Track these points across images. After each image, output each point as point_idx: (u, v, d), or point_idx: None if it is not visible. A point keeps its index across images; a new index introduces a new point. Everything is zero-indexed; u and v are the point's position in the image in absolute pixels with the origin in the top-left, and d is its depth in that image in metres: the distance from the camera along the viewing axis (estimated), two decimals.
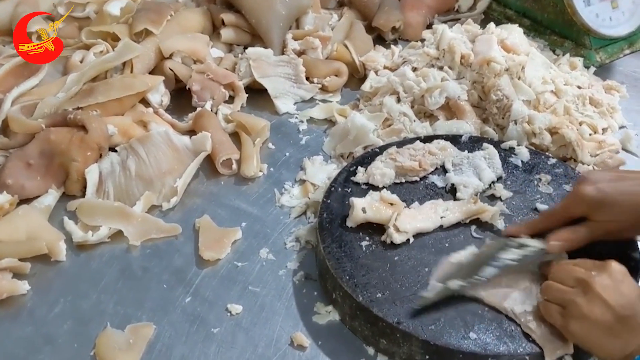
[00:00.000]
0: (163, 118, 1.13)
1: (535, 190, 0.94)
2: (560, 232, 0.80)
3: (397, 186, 0.95)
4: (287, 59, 1.25)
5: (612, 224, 0.78)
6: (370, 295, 0.79)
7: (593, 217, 0.79)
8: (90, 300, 0.87)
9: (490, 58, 1.09)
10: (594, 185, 0.78)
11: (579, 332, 0.70)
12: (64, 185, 1.02)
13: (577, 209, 0.80)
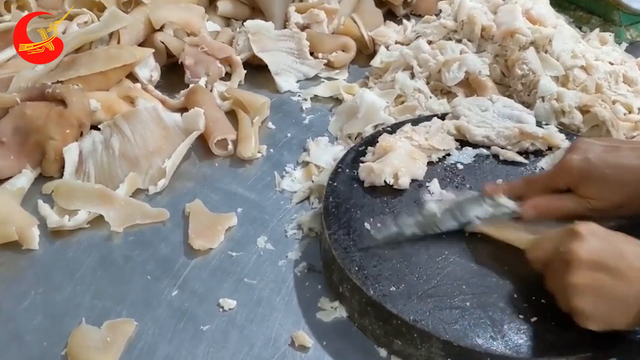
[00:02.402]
0: (152, 94, 1.03)
1: None
2: (539, 199, 0.72)
3: None
4: (289, 32, 1.15)
5: (598, 201, 0.69)
6: (383, 289, 0.69)
7: (577, 190, 0.70)
8: (64, 292, 0.76)
9: (514, 29, 0.99)
10: (582, 155, 0.70)
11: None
12: (40, 166, 0.92)
13: (560, 179, 0.72)
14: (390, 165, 0.80)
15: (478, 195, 0.75)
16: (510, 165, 0.86)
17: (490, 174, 0.84)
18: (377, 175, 0.80)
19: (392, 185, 0.81)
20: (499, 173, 0.84)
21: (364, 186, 0.82)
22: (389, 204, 0.80)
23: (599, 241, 0.61)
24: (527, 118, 0.89)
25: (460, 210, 0.74)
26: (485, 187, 0.76)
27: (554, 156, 0.85)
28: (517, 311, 0.66)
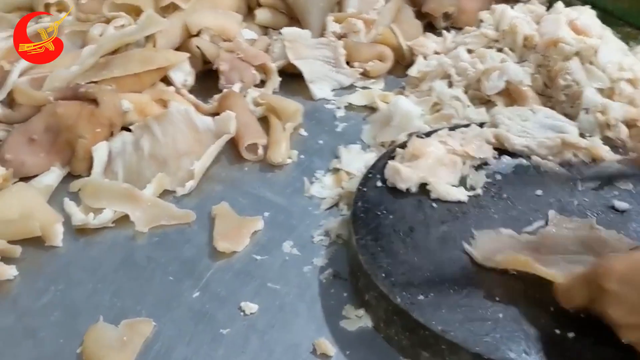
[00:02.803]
0: (185, 98, 1.02)
1: (613, 186, 0.79)
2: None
3: None
4: (326, 41, 1.13)
5: None
6: (411, 297, 0.65)
7: None
8: (84, 290, 0.75)
9: (558, 39, 0.95)
10: None
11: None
12: (69, 165, 0.91)
13: None
14: (418, 173, 0.77)
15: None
16: (551, 176, 0.81)
17: (530, 185, 0.80)
18: (402, 179, 0.77)
19: (429, 193, 0.78)
20: (539, 184, 0.80)
21: (394, 192, 0.78)
22: (421, 212, 0.76)
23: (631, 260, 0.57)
24: (569, 129, 0.85)
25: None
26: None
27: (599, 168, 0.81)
28: (553, 325, 0.62)
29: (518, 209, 0.76)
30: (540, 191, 0.79)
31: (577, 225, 0.73)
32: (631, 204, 0.76)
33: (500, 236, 0.71)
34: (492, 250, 0.69)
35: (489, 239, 0.71)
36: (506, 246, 0.69)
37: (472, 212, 0.76)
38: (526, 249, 0.69)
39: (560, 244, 0.69)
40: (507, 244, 0.70)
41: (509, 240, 0.71)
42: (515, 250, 0.68)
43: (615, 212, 0.76)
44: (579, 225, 0.73)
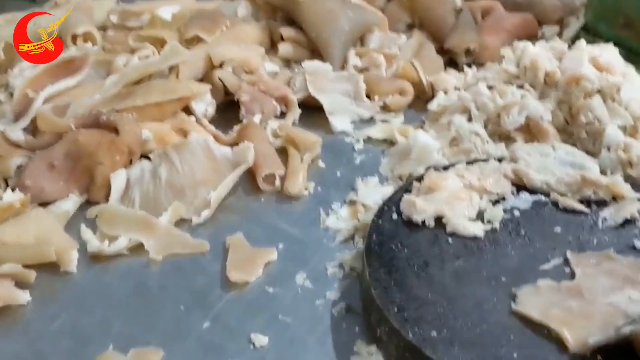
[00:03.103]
0: (206, 128, 1.03)
1: (634, 226, 0.77)
2: None
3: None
4: (346, 74, 1.14)
5: None
6: (424, 333, 0.64)
7: None
8: (95, 317, 0.75)
9: (580, 75, 0.94)
10: None
11: None
12: (88, 192, 0.92)
13: None
14: (434, 206, 0.76)
15: None
16: (570, 213, 0.80)
17: (549, 221, 0.79)
18: (417, 212, 0.76)
19: (444, 227, 0.77)
20: (558, 221, 0.79)
21: (410, 225, 0.77)
22: (436, 246, 0.75)
23: None
24: (590, 166, 0.84)
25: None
26: None
27: (619, 206, 0.79)
28: None
29: (535, 246, 0.75)
30: (558, 228, 0.77)
31: (597, 259, 0.71)
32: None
33: (540, 289, 0.68)
34: (541, 307, 0.66)
35: (531, 295, 0.68)
36: (552, 301, 0.67)
37: (488, 248, 0.75)
38: (571, 297, 0.67)
39: (600, 283, 0.68)
40: (552, 298, 0.67)
41: (551, 292, 0.68)
42: (562, 304, 0.66)
43: (635, 252, 0.74)
44: (599, 259, 0.71)
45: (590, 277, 0.69)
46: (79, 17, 1.20)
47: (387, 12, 1.35)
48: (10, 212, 0.83)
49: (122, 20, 1.27)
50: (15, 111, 0.99)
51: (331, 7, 1.22)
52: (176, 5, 1.26)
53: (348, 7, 1.24)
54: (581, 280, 0.69)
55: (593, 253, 0.72)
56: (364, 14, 1.26)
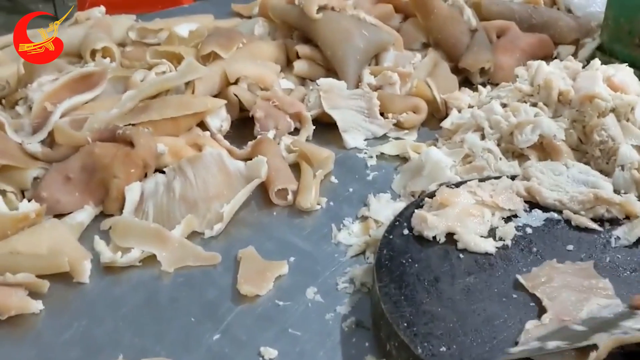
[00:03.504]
0: (220, 143, 1.04)
1: None
2: None
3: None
4: (360, 92, 1.14)
5: None
6: (433, 349, 0.63)
7: None
8: (106, 327, 0.75)
9: (594, 94, 0.94)
10: None
11: None
12: (102, 204, 0.93)
13: None
14: (445, 222, 0.76)
15: (627, 309, 0.66)
16: (583, 231, 0.79)
17: (561, 239, 0.78)
18: (429, 228, 0.76)
19: (456, 243, 0.77)
20: (570, 239, 0.78)
21: (421, 241, 0.77)
22: (447, 262, 0.75)
23: None
24: (603, 185, 0.84)
25: (613, 327, 0.62)
26: (636, 299, 0.66)
27: (632, 225, 0.79)
28: None
29: None
30: (571, 246, 0.77)
31: (546, 273, 0.71)
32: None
33: (531, 333, 0.65)
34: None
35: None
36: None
37: (499, 265, 0.74)
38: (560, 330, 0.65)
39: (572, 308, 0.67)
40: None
41: (542, 332, 0.65)
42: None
43: None
44: (548, 272, 0.71)
45: (556, 299, 0.67)
46: (98, 34, 1.23)
47: (403, 31, 1.36)
48: (25, 222, 0.84)
49: (141, 37, 1.30)
50: (34, 124, 1.00)
51: (347, 26, 1.23)
52: (194, 23, 1.28)
53: (363, 26, 1.25)
54: (549, 305, 0.67)
55: (537, 268, 0.72)
56: (379, 33, 1.27)
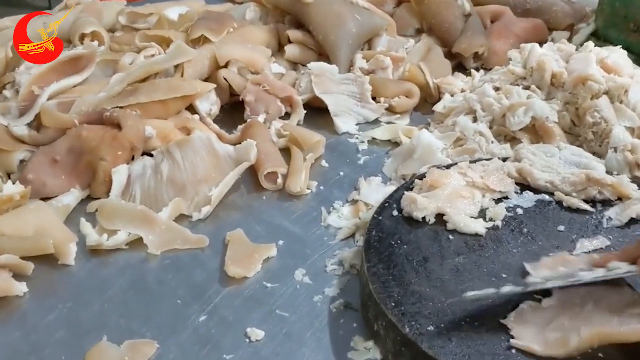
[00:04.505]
0: (209, 127, 1.03)
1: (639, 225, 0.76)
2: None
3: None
4: (352, 76, 1.13)
5: None
6: (420, 328, 0.63)
7: None
8: (91, 310, 0.74)
9: (587, 76, 0.93)
10: None
11: None
12: (89, 187, 0.92)
13: None
14: (435, 203, 0.75)
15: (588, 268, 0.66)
16: (574, 212, 0.78)
17: (552, 220, 0.77)
18: (418, 209, 0.75)
19: (446, 224, 0.76)
20: (561, 220, 0.77)
21: (410, 222, 0.76)
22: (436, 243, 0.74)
23: None
24: (596, 166, 0.83)
25: (570, 277, 0.64)
26: (596, 259, 0.67)
27: (624, 206, 0.78)
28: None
29: (538, 244, 0.73)
30: (562, 227, 0.76)
31: (553, 263, 0.69)
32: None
33: (526, 314, 0.64)
34: (537, 334, 0.62)
35: (521, 323, 0.63)
36: (542, 323, 0.63)
37: (489, 246, 0.73)
38: (558, 314, 0.63)
39: (577, 297, 0.65)
40: (541, 320, 0.63)
41: (538, 315, 0.64)
42: (553, 324, 0.62)
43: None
44: (554, 262, 0.69)
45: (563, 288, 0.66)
46: (87, 18, 1.21)
47: (396, 16, 1.35)
48: (10, 204, 0.83)
49: (131, 22, 1.28)
50: (21, 107, 0.99)
51: (339, 10, 1.22)
52: (184, 7, 1.27)
53: (356, 10, 1.24)
54: (558, 292, 0.65)
55: (547, 259, 0.69)
56: (372, 18, 1.26)
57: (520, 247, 0.73)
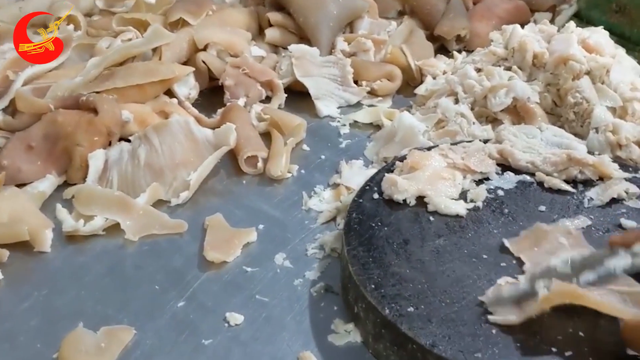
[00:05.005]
0: (188, 111, 1.01)
1: (621, 204, 0.76)
2: None
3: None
4: (334, 59, 1.12)
5: None
6: (400, 309, 0.62)
7: None
8: (67, 296, 0.73)
9: (568, 56, 0.93)
10: None
11: None
12: (66, 173, 0.90)
13: None
14: (416, 185, 0.74)
15: (607, 249, 0.64)
16: (555, 193, 0.78)
17: (533, 201, 0.77)
18: (399, 191, 0.74)
19: (426, 206, 0.75)
20: (543, 201, 0.77)
21: (391, 204, 0.76)
22: (417, 225, 0.73)
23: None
24: (577, 146, 0.82)
25: (598, 264, 0.61)
26: (613, 237, 0.65)
27: (606, 185, 0.77)
28: (550, 343, 0.58)
29: (519, 225, 0.73)
30: (543, 207, 0.75)
31: (532, 237, 0.69)
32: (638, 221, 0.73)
33: (503, 290, 0.63)
34: (514, 308, 0.61)
35: (497, 298, 0.63)
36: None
37: (470, 227, 0.73)
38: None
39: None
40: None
41: (514, 290, 0.63)
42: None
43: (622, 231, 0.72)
44: (534, 236, 0.69)
45: (538, 264, 0.65)
46: (63, 2, 1.19)
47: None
48: None
49: (108, 6, 1.26)
50: None
51: None
52: None
53: None
54: (529, 267, 0.65)
55: (525, 232, 0.70)
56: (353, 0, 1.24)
57: (501, 228, 0.72)
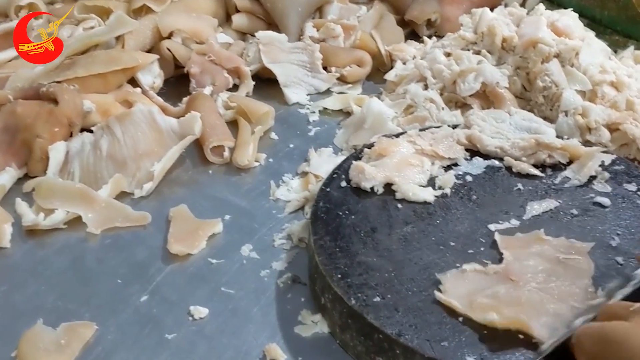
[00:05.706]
0: (152, 100, 0.99)
1: (590, 189, 0.75)
2: None
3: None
4: (302, 45, 1.10)
5: None
6: (367, 299, 0.61)
7: None
8: (26, 292, 0.71)
9: (537, 39, 0.92)
10: None
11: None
12: (26, 166, 0.87)
13: None
14: (383, 172, 0.73)
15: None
16: (524, 178, 0.77)
17: (502, 186, 0.76)
18: (366, 179, 0.73)
19: (394, 193, 0.74)
20: (511, 186, 0.76)
21: (359, 192, 0.74)
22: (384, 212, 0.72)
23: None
24: (546, 130, 0.81)
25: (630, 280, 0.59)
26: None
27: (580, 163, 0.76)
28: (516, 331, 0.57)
29: (487, 211, 0.72)
30: (512, 193, 0.74)
31: (525, 241, 0.67)
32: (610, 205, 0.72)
33: (467, 274, 0.63)
34: (467, 295, 0.61)
35: (456, 280, 0.63)
36: (478, 287, 0.62)
37: (438, 214, 0.72)
38: (498, 282, 0.62)
39: (529, 273, 0.63)
40: (477, 283, 0.62)
41: (478, 278, 0.63)
42: (489, 290, 0.61)
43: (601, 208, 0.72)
44: (527, 240, 0.67)
45: (518, 260, 0.64)
46: None
47: None
48: None
49: None
50: None
51: None
52: None
53: None
54: (509, 263, 0.64)
55: (523, 235, 0.68)
56: None
57: (469, 215, 0.71)
